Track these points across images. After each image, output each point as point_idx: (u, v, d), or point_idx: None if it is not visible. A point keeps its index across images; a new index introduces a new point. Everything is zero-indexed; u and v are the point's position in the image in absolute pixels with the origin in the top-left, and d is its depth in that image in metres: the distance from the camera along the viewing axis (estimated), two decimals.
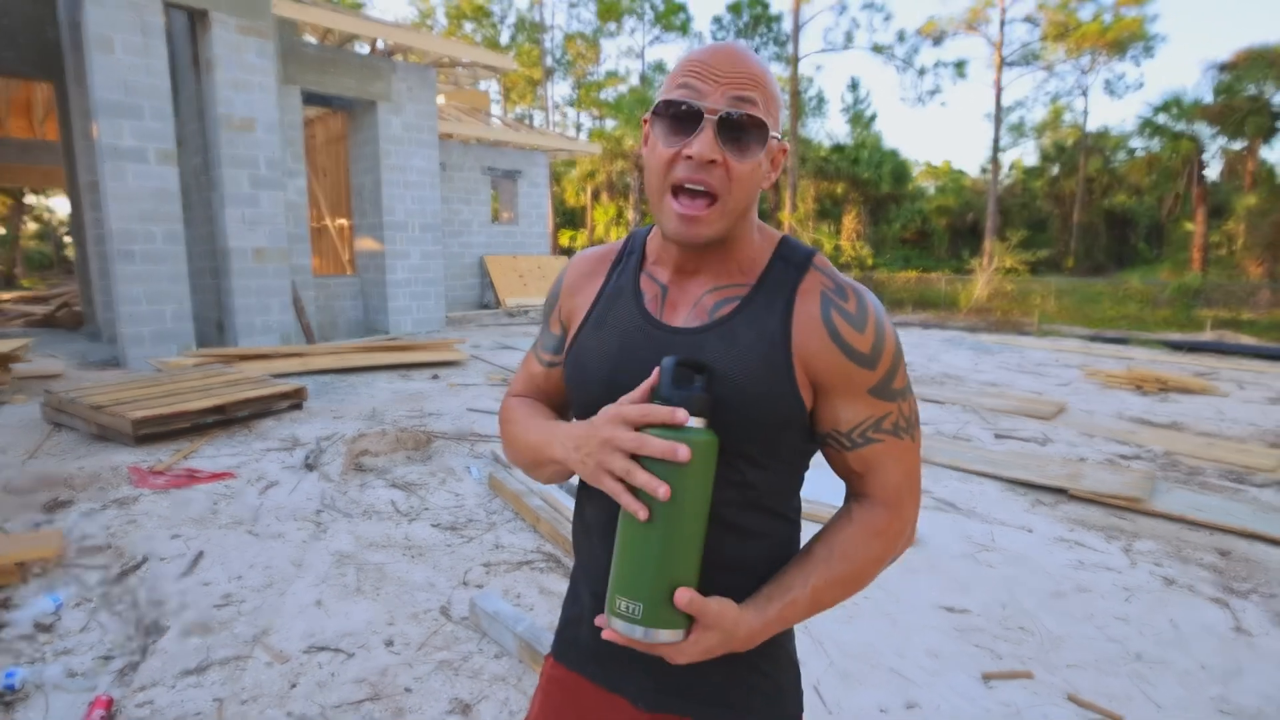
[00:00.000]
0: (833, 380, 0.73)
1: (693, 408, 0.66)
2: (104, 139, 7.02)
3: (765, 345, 0.72)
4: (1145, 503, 3.74)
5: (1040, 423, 5.68)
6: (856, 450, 0.75)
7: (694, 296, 0.77)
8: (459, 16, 31.75)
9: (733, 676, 0.78)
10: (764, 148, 0.71)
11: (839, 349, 0.72)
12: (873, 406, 0.74)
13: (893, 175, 24.14)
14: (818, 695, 2.10)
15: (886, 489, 0.76)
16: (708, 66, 0.69)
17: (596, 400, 0.76)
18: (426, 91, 10.69)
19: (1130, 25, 23.44)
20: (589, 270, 0.87)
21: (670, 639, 0.67)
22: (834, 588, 0.73)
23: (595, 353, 0.79)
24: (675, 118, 0.69)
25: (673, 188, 0.71)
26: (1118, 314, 15.75)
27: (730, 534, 0.75)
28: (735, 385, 0.71)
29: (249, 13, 7.86)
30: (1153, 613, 2.65)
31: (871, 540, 0.75)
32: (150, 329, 7.47)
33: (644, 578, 0.66)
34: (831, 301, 0.74)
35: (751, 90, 0.69)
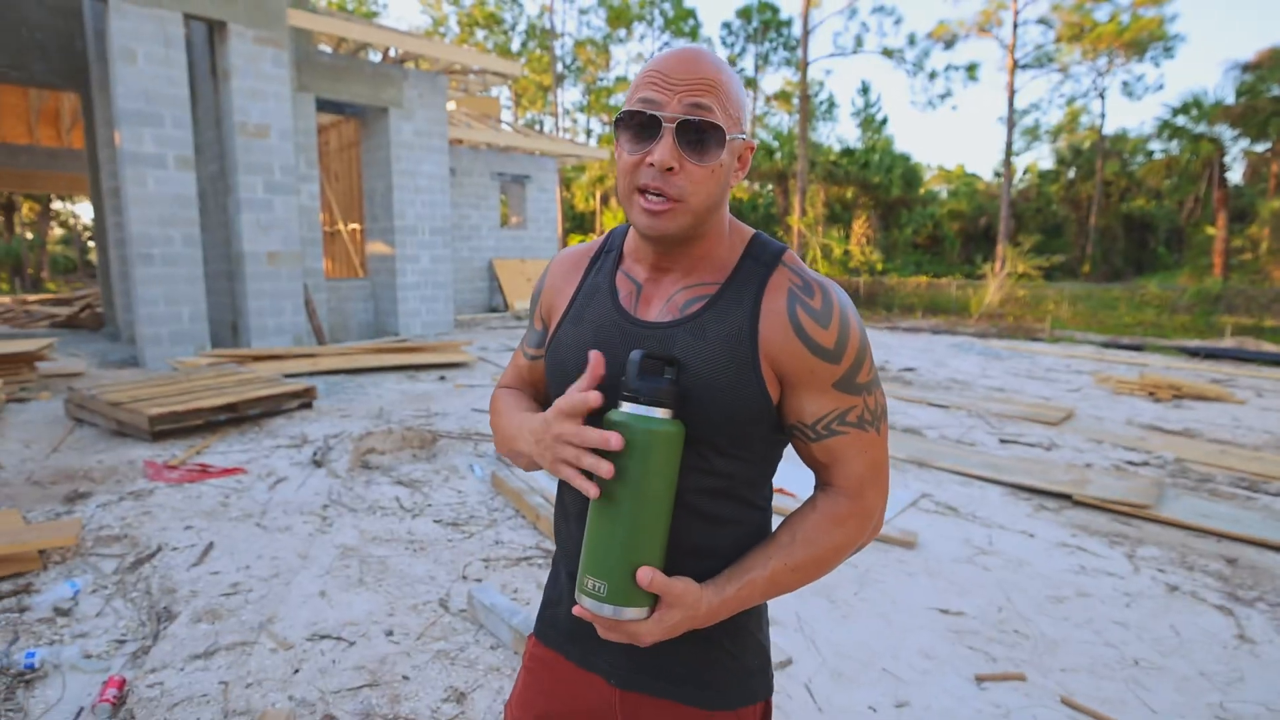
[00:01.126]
0: (797, 374, 0.75)
1: (659, 399, 0.69)
2: (126, 146, 7.19)
3: (733, 340, 0.75)
4: (1152, 509, 3.72)
5: (1047, 428, 5.65)
6: (821, 442, 0.77)
7: (667, 293, 0.80)
8: (471, 24, 32.07)
9: (702, 657, 0.81)
10: (723, 149, 0.73)
11: (803, 344, 0.74)
12: (837, 400, 0.76)
13: (904, 179, 24.03)
14: (809, 693, 2.12)
15: (850, 479, 0.78)
16: (665, 75, 0.72)
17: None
18: (437, 98, 10.83)
19: (1148, 25, 23.20)
20: (568, 268, 0.90)
21: (634, 616, 0.70)
22: (794, 572, 0.76)
23: (572, 346, 0.82)
24: (636, 126, 0.72)
25: (635, 189, 0.74)
26: (1134, 320, 15.56)
27: (700, 521, 0.77)
28: (703, 378, 0.74)
29: (265, 23, 8.02)
30: (1154, 619, 2.64)
31: (833, 528, 0.77)
32: (168, 330, 7.63)
33: (610, 558, 0.69)
34: (797, 298, 0.76)
35: (708, 95, 0.71)
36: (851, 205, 24.42)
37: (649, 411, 0.70)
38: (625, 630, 0.71)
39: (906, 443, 5.05)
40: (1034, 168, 30.02)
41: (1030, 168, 30.32)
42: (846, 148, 25.44)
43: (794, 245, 21.80)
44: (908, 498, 3.86)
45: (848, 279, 21.04)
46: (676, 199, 0.72)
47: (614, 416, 0.71)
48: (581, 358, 0.80)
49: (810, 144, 23.81)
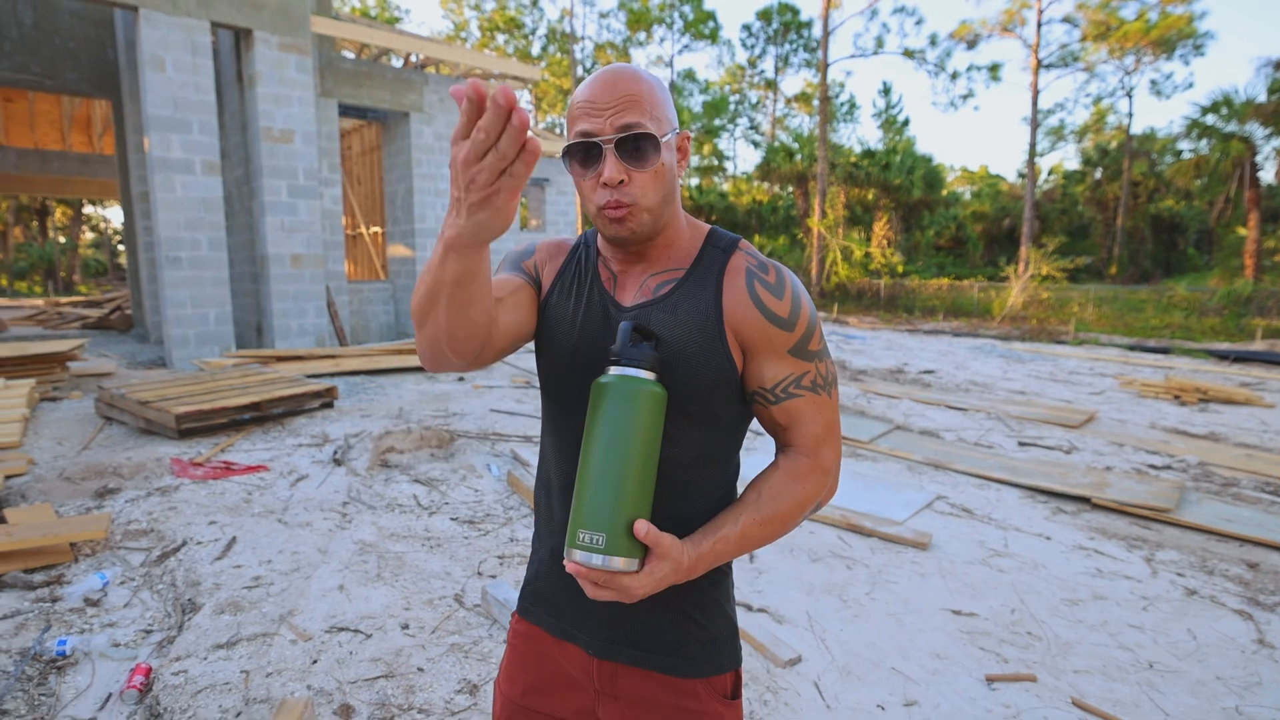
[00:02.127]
0: (757, 341, 0.84)
1: (645, 364, 0.78)
2: (155, 152, 7.38)
3: (701, 315, 0.84)
4: (1172, 513, 3.67)
5: (1068, 431, 5.58)
6: (780, 404, 0.86)
7: (639, 281, 0.90)
8: (492, 29, 32.38)
9: (676, 629, 0.87)
10: (659, 152, 0.82)
11: (761, 313, 0.84)
12: (792, 365, 0.85)
13: (925, 181, 23.77)
14: (818, 690, 2.13)
15: (807, 439, 0.86)
16: (593, 102, 0.81)
17: (564, 369, 0.89)
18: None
19: (1177, 23, 22.72)
20: (552, 251, 0.99)
21: (624, 568, 0.73)
22: (762, 526, 0.83)
23: (561, 325, 0.90)
24: (582, 154, 0.82)
25: (599, 209, 0.83)
26: (1161, 323, 15.25)
27: (674, 489, 0.85)
28: (677, 349, 0.83)
29: (290, 30, 8.19)
30: (1170, 622, 2.61)
31: (794, 484, 0.85)
32: (194, 331, 7.81)
33: (606, 510, 0.73)
34: (755, 275, 0.86)
35: (633, 110, 0.80)
36: (872, 207, 24.22)
37: (635, 373, 0.78)
38: (616, 584, 0.73)
39: (923, 444, 5.02)
40: (1059, 168, 29.56)
41: (1055, 168, 29.87)
42: (867, 149, 25.24)
43: (814, 248, 21.69)
44: (923, 499, 3.85)
45: (868, 281, 20.88)
46: (631, 204, 0.82)
47: (604, 380, 0.78)
48: (570, 336, 0.88)
49: (830, 146, 23.68)
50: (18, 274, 31.96)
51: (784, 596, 2.72)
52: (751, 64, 34.93)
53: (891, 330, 14.92)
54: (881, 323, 16.60)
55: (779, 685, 2.14)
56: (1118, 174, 25.06)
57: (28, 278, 31.96)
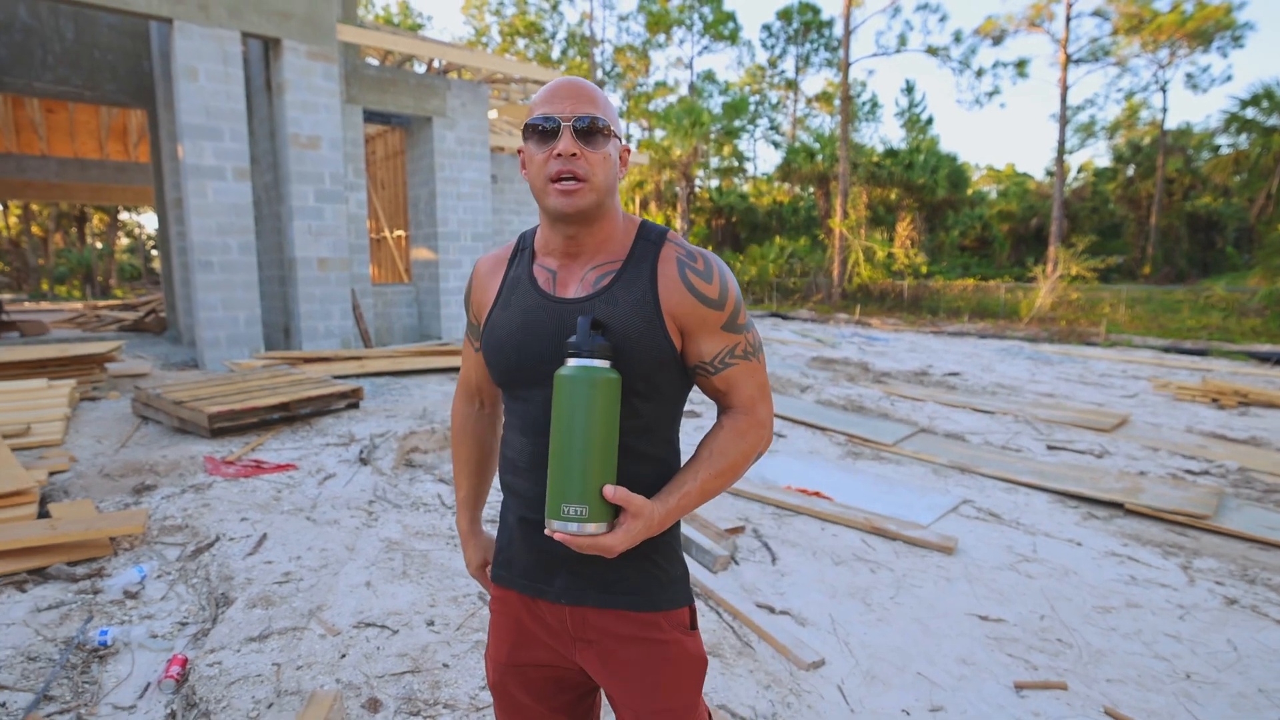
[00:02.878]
0: (693, 322, 0.95)
1: (600, 354, 0.88)
2: (188, 159, 7.57)
3: (639, 303, 0.93)
4: (1210, 520, 3.57)
5: (1099, 435, 5.46)
6: (720, 373, 0.97)
7: (579, 275, 0.98)
8: (512, 33, 32.65)
9: (637, 571, 0.98)
10: (609, 141, 0.93)
11: (694, 297, 0.94)
12: (725, 339, 0.96)
13: (949, 180, 23.42)
14: (841, 694, 2.11)
15: (744, 399, 0.99)
16: (556, 95, 0.92)
17: (510, 364, 0.98)
18: (479, 107, 11.08)
19: (1214, 14, 22.08)
20: (490, 268, 1.08)
21: (597, 530, 0.85)
22: (717, 479, 0.95)
23: (505, 328, 0.99)
24: (542, 132, 0.92)
25: (549, 180, 0.91)
26: (1198, 324, 14.84)
27: (628, 456, 0.94)
28: (621, 336, 0.92)
29: (317, 39, 8.35)
30: (1209, 632, 2.54)
31: (738, 439, 0.97)
32: (225, 333, 7.98)
33: (582, 484, 0.84)
34: (685, 264, 0.96)
35: (590, 105, 0.92)
36: (895, 207, 23.94)
37: (594, 363, 0.87)
38: (599, 545, 0.85)
39: (948, 448, 4.95)
40: (1089, 166, 28.97)
41: (1085, 166, 29.27)
42: (890, 148, 24.94)
43: (835, 249, 21.50)
44: (948, 503, 3.79)
45: (891, 282, 20.64)
46: (584, 179, 0.91)
47: (564, 372, 0.87)
48: (514, 335, 0.98)
49: (852, 145, 23.45)
50: (58, 279, 32.97)
51: (807, 599, 2.70)
52: (772, 64, 34.77)
53: (915, 332, 14.73)
54: (905, 324, 16.39)
55: (802, 688, 2.13)
56: (1151, 171, 24.47)
57: (67, 282, 32.95)
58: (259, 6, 7.85)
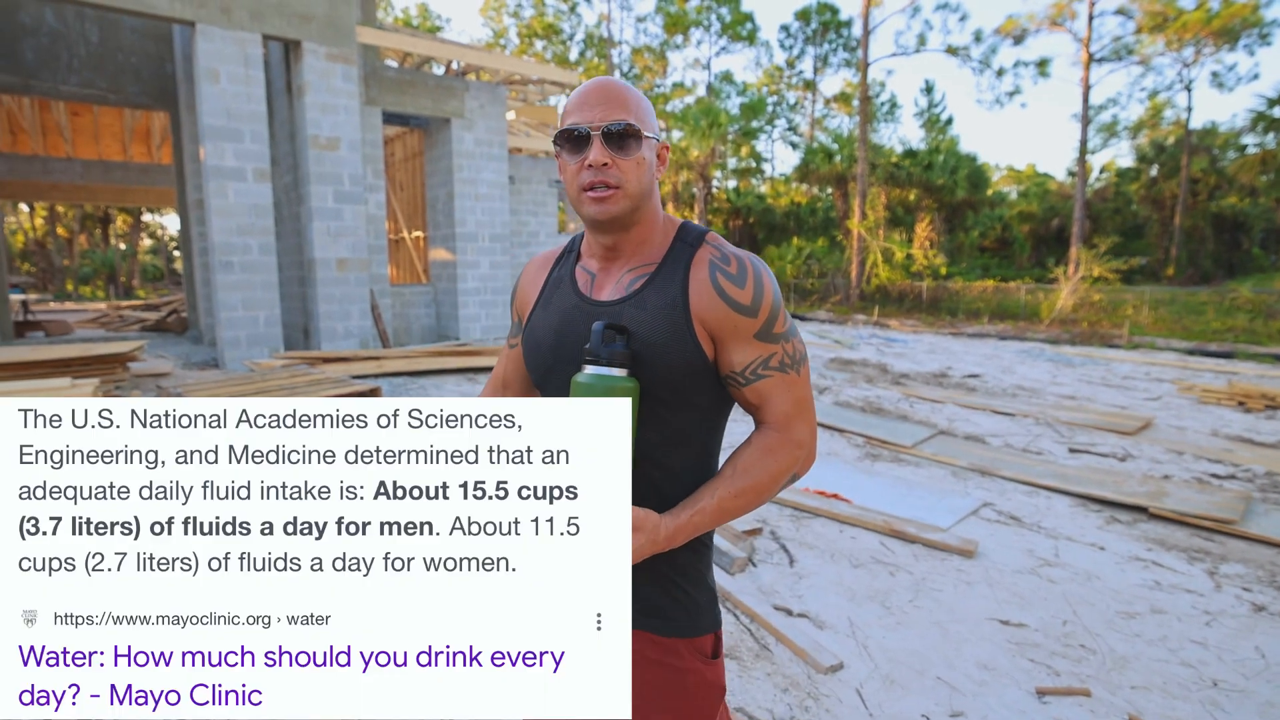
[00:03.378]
0: (723, 330, 0.90)
1: (616, 361, 0.85)
2: (209, 160, 7.68)
3: (669, 308, 0.90)
4: (1237, 524, 3.49)
5: (1122, 438, 5.36)
6: (751, 385, 0.91)
7: (615, 277, 0.96)
8: (530, 35, 32.80)
9: (661, 593, 0.94)
10: (642, 145, 0.90)
11: (725, 303, 0.89)
12: (759, 348, 0.90)
13: (969, 181, 23.15)
14: (860, 698, 2.09)
15: (777, 415, 0.92)
16: (585, 102, 0.90)
17: (546, 364, 0.97)
18: (497, 108, 11.14)
19: (1241, 11, 21.63)
20: (537, 268, 1.08)
21: None
22: (737, 498, 0.89)
23: (544, 327, 0.99)
24: (572, 141, 0.90)
25: (582, 189, 0.90)
26: (1224, 326, 14.55)
27: (655, 469, 0.91)
28: (647, 341, 0.89)
29: (337, 41, 8.44)
30: (1236, 639, 2.48)
31: (766, 457, 0.90)
32: (245, 333, 8.08)
33: None
34: (717, 266, 0.91)
35: (621, 108, 0.90)
36: (914, 208, 23.72)
37: (610, 371, 0.85)
38: None
39: (968, 450, 4.89)
40: (1111, 166, 28.51)
41: (1107, 166, 28.82)
42: (909, 149, 24.72)
43: (854, 250, 21.35)
44: (968, 506, 3.74)
45: (910, 284, 20.45)
46: (616, 186, 0.89)
47: (580, 379, 0.85)
48: (550, 335, 0.96)
49: (871, 146, 23.28)
50: (82, 279, 33.63)
51: (825, 602, 2.68)
52: (790, 65, 34.62)
53: (934, 333, 14.59)
54: (924, 326, 16.24)
55: (820, 692, 2.10)
56: (1175, 171, 24.03)
57: (91, 283, 33.60)
58: (280, 9, 7.95)
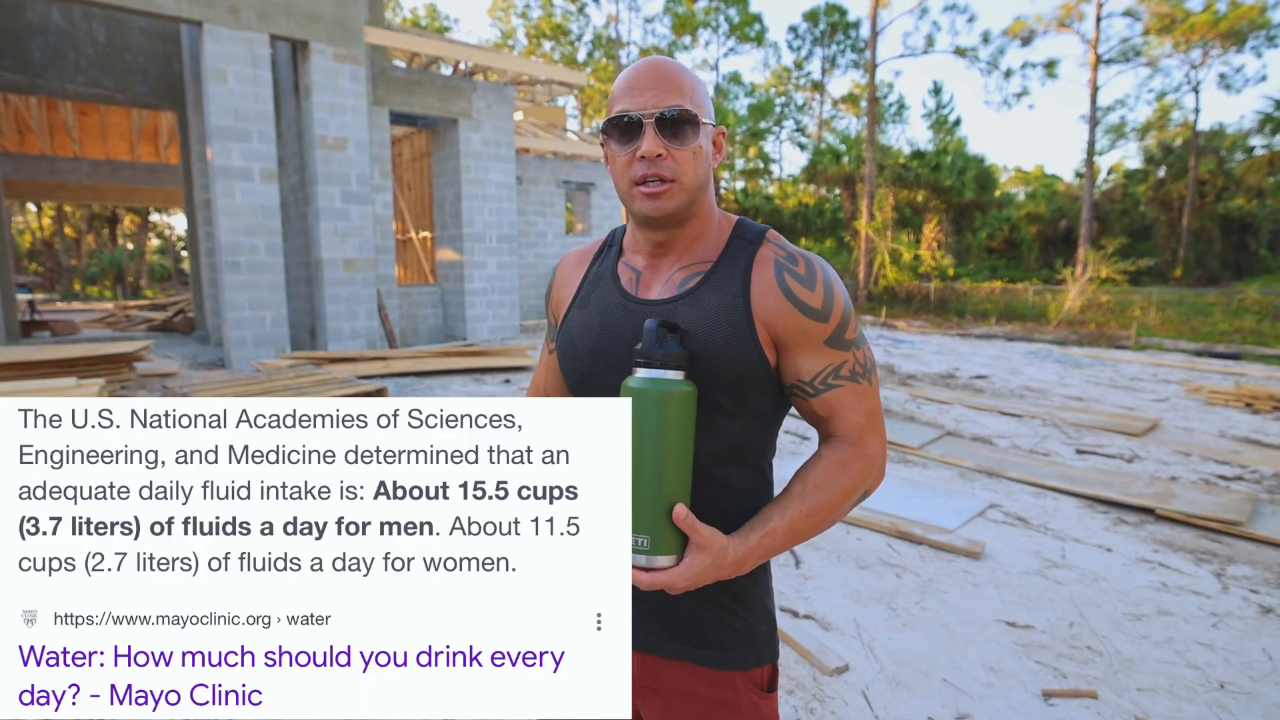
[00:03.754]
0: (791, 335, 0.83)
1: (672, 363, 0.78)
2: (216, 160, 7.71)
3: (728, 308, 0.83)
4: (1244, 526, 3.47)
5: (1129, 439, 5.34)
6: (820, 396, 0.84)
7: (665, 275, 0.88)
8: (539, 36, 32.86)
9: (716, 622, 0.87)
10: (699, 133, 0.82)
11: (794, 306, 0.82)
12: (830, 356, 0.83)
13: (977, 182, 23.08)
14: (865, 700, 2.08)
15: (849, 427, 0.85)
16: (636, 85, 0.82)
17: (584, 369, 0.89)
18: (505, 108, 11.16)
19: (1249, 13, 21.52)
20: (573, 265, 0.99)
21: (665, 564, 0.76)
22: (809, 518, 0.81)
23: (581, 328, 0.91)
24: (622, 129, 0.82)
25: (633, 183, 0.83)
26: (1231, 327, 14.46)
27: (709, 485, 0.83)
28: (704, 343, 0.81)
29: (344, 41, 8.47)
30: (1244, 641, 2.47)
31: (839, 473, 0.83)
32: (252, 333, 8.12)
33: (646, 512, 0.75)
34: (784, 266, 0.84)
35: (675, 91, 0.81)
36: (922, 209, 23.66)
37: (664, 374, 0.77)
38: (660, 580, 0.76)
39: (975, 451, 4.88)
40: (1119, 167, 28.37)
41: (1115, 167, 28.67)
42: (917, 150, 24.66)
43: (861, 251, 21.31)
44: (975, 507, 3.73)
45: (918, 285, 20.39)
46: (671, 179, 0.81)
47: (631, 383, 0.78)
48: (590, 337, 0.89)
49: (879, 147, 23.22)
50: (90, 279, 33.85)
51: (831, 603, 2.67)
52: (798, 66, 34.58)
53: (942, 334, 14.54)
54: (931, 327, 16.19)
55: (825, 694, 2.10)
56: (1183, 172, 23.90)
57: (99, 283, 33.81)
58: (287, 9, 7.99)
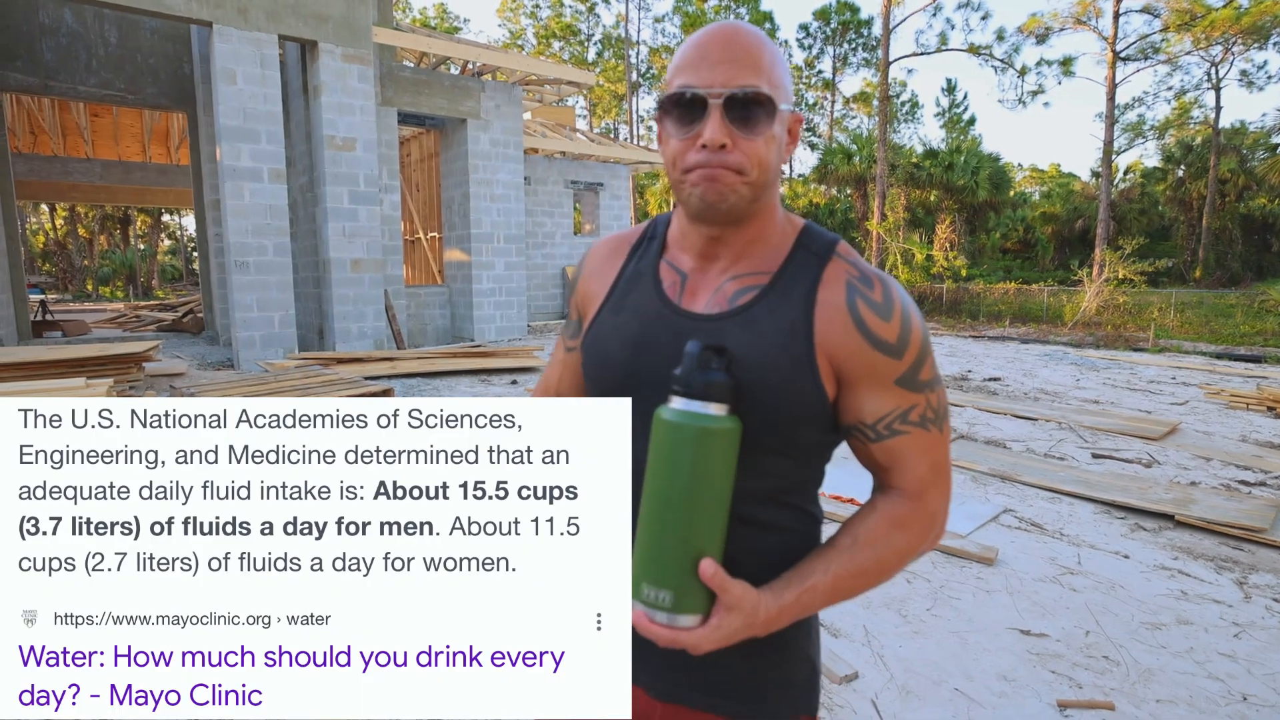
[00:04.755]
0: (857, 370, 0.71)
1: (715, 395, 0.66)
2: (225, 161, 7.75)
3: (786, 334, 0.71)
4: (1267, 533, 3.37)
5: (1147, 443, 5.22)
6: (882, 442, 0.73)
7: (715, 283, 0.76)
8: (548, 36, 32.94)
9: (746, 670, 0.77)
10: (774, 120, 0.70)
11: (864, 338, 0.71)
12: (899, 398, 0.72)
13: (991, 181, 22.85)
14: (875, 709, 2.03)
15: (911, 481, 0.74)
16: (704, 57, 0.69)
17: (616, 384, 0.77)
18: (513, 109, 11.16)
19: (1271, 9, 21.14)
20: (607, 254, 0.86)
21: (689, 624, 0.67)
22: (856, 577, 0.72)
23: (614, 336, 0.78)
24: (682, 107, 0.69)
25: (686, 170, 0.71)
26: (1252, 329, 14.21)
27: (747, 527, 0.73)
28: (755, 374, 0.70)
29: (353, 42, 8.49)
30: (1267, 652, 2.39)
31: (894, 531, 0.73)
32: (260, 334, 8.15)
33: (672, 565, 0.66)
34: (857, 290, 0.72)
35: (751, 67, 0.68)
36: (935, 209, 23.48)
37: (704, 408, 0.66)
38: (682, 641, 0.67)
39: (989, 455, 4.79)
40: (1137, 166, 28.03)
41: (1133, 166, 28.33)
42: (929, 149, 24.46)
43: (873, 251, 21.16)
44: (988, 512, 3.65)
45: (930, 285, 20.22)
46: (737, 172, 0.69)
47: (664, 414, 0.67)
48: (625, 349, 0.77)
49: (891, 146, 23.05)
50: (102, 279, 34.26)
51: (839, 610, 2.61)
52: (809, 65, 34.44)
53: (955, 336, 14.40)
54: (944, 328, 16.04)
55: (834, 702, 2.04)
56: (1203, 171, 23.55)
57: (110, 283, 34.21)
58: (296, 10, 8.01)
